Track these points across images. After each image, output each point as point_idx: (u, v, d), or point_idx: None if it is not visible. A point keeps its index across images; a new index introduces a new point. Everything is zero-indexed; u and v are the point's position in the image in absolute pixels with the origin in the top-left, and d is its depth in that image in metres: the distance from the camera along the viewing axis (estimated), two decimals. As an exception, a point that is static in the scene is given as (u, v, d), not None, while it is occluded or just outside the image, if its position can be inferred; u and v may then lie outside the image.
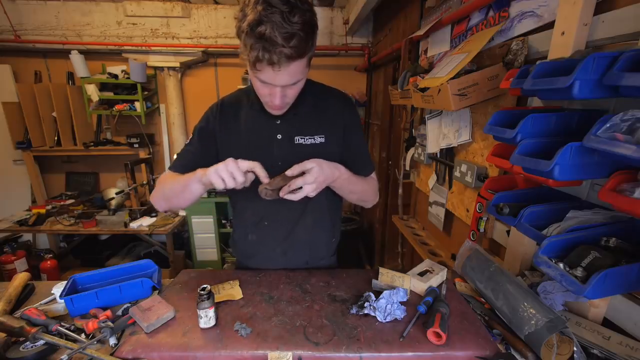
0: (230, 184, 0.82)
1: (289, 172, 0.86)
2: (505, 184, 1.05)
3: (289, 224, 1.07)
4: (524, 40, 1.06)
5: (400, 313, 0.84)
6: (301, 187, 0.85)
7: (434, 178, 1.79)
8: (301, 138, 0.99)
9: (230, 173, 0.81)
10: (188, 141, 1.04)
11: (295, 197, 0.86)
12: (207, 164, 0.89)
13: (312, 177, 0.84)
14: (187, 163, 1.01)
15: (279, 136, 0.99)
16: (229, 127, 1.01)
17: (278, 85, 0.82)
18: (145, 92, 3.41)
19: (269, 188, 0.85)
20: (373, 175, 1.14)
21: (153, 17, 3.26)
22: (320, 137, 1.00)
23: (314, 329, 0.80)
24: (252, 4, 0.72)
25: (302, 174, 0.86)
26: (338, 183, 0.95)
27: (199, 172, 0.88)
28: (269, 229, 1.07)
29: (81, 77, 3.18)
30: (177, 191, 0.96)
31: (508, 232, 1.14)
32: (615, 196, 0.60)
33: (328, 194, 1.05)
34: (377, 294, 0.90)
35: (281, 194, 0.86)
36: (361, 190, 1.06)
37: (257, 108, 0.99)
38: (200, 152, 1.02)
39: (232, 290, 0.97)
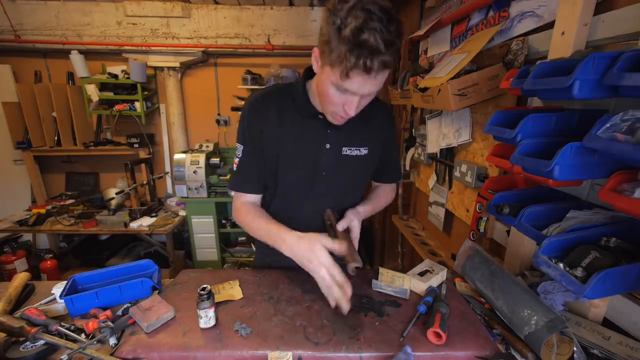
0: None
1: (340, 227, 0.95)
2: (505, 184, 1.05)
3: (319, 224, 1.04)
4: (524, 40, 1.06)
5: None
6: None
7: (434, 178, 1.79)
8: (348, 149, 0.99)
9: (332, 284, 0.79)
10: (240, 154, 1.00)
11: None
12: (270, 167, 0.99)
13: (357, 231, 0.96)
14: (254, 180, 1.02)
15: (328, 145, 0.97)
16: (274, 129, 0.96)
17: (360, 95, 0.79)
18: (145, 92, 3.41)
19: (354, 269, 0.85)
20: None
21: (153, 17, 3.26)
22: (364, 149, 1.01)
23: (314, 329, 0.80)
24: (347, 10, 0.70)
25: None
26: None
27: (286, 245, 0.87)
28: (298, 228, 1.01)
29: (81, 77, 3.17)
30: (261, 237, 0.97)
31: (508, 232, 1.14)
32: (615, 196, 0.60)
33: (353, 199, 1.11)
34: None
35: (353, 270, 0.87)
36: (382, 208, 1.16)
37: (307, 114, 0.95)
38: (260, 162, 1.00)
39: (232, 290, 0.97)
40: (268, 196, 1.08)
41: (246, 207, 1.03)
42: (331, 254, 0.82)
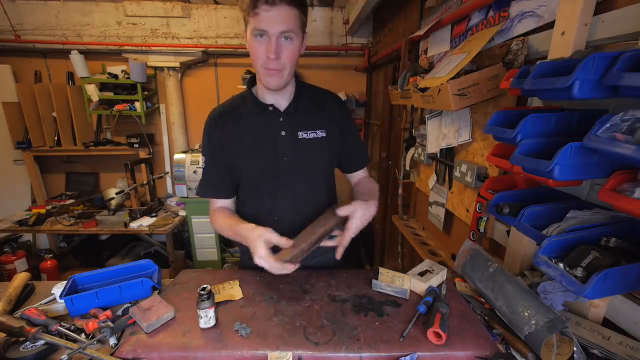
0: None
1: (341, 212, 0.91)
2: (505, 184, 1.05)
3: (299, 219, 1.06)
4: (524, 40, 1.06)
5: None
6: (334, 237, 0.93)
7: (434, 178, 1.79)
8: (304, 133, 1.03)
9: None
10: (204, 165, 1.09)
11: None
12: (235, 174, 1.06)
13: (356, 225, 0.90)
14: (216, 186, 1.10)
15: (283, 132, 1.02)
16: (232, 135, 1.04)
17: (273, 35, 0.85)
18: (145, 92, 3.41)
19: (291, 257, 0.86)
20: (366, 172, 1.21)
21: (153, 17, 3.26)
22: (321, 132, 1.05)
23: (314, 329, 0.81)
24: None
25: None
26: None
27: (249, 241, 0.91)
28: (278, 225, 1.03)
29: (81, 77, 3.17)
30: (229, 236, 1.04)
31: (508, 232, 1.14)
32: (615, 196, 0.60)
33: (331, 193, 1.13)
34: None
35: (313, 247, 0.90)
36: (378, 197, 1.13)
37: (257, 111, 1.03)
38: (222, 169, 1.07)
39: (232, 290, 0.97)
40: (242, 196, 1.13)
41: (217, 211, 1.11)
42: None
